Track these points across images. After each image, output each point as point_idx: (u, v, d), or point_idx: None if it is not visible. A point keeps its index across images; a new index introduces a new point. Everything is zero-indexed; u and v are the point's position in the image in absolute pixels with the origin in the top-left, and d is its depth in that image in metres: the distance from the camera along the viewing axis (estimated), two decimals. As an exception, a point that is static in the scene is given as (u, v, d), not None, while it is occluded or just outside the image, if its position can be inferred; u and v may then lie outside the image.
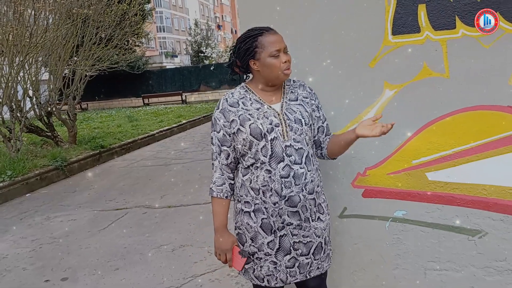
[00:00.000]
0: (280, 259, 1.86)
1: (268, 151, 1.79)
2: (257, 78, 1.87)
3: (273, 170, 1.79)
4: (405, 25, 2.04)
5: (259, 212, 1.84)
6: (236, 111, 1.83)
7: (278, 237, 1.85)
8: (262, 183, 1.81)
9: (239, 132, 1.81)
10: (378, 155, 2.16)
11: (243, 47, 1.83)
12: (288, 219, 1.83)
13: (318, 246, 1.89)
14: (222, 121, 1.85)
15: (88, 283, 3.44)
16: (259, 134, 1.78)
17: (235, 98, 1.87)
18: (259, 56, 1.80)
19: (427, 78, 2.05)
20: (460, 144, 2.05)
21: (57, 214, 5.39)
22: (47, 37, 7.99)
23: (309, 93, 1.94)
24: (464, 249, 2.11)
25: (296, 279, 1.89)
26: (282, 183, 1.79)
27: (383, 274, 2.23)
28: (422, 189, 2.12)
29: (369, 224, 2.21)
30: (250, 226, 1.86)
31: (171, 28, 53.88)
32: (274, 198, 1.81)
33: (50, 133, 9.17)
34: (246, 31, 1.86)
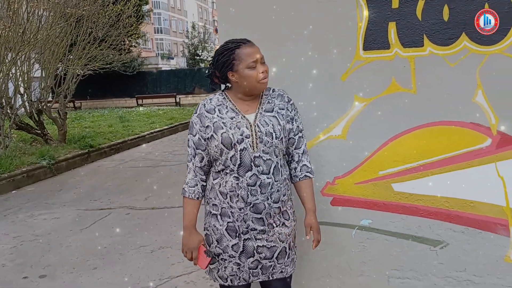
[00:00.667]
0: (243, 261, 1.94)
1: (237, 160, 1.86)
2: (236, 88, 1.93)
3: (240, 178, 1.86)
4: (375, 41, 2.12)
5: (225, 216, 1.92)
6: (211, 117, 1.90)
7: (242, 241, 1.92)
8: (230, 188, 1.88)
9: (212, 138, 1.88)
10: (347, 165, 2.23)
11: (221, 60, 1.89)
12: (252, 224, 1.90)
13: (282, 250, 1.95)
14: (198, 125, 1.92)
15: (66, 281, 3.49)
16: (229, 144, 1.85)
17: (213, 104, 1.94)
18: (236, 68, 1.86)
19: (395, 93, 2.13)
20: (424, 157, 2.13)
21: (41, 212, 5.42)
22: (40, 35, 8.03)
23: (286, 103, 1.98)
24: (426, 259, 2.18)
25: (259, 278, 1.98)
26: (248, 191, 1.86)
27: (349, 280, 2.30)
28: (387, 199, 2.20)
29: (336, 231, 2.28)
30: (217, 228, 1.94)
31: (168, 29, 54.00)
32: (240, 204, 1.88)
33: (40, 131, 9.20)
34: (224, 43, 1.92)
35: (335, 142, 2.22)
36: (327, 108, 2.21)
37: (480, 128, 2.03)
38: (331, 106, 2.21)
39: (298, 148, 2.00)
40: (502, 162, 2.04)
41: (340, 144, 2.22)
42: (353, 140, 2.20)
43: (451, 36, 2.02)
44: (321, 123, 2.23)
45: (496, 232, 2.07)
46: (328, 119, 2.22)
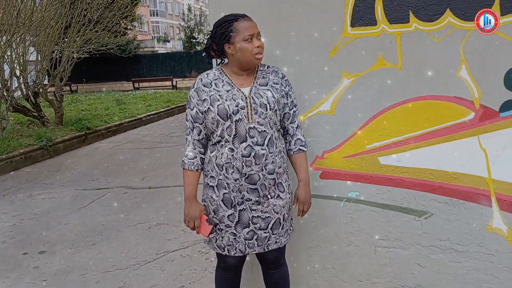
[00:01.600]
0: (239, 231, 2.02)
1: (232, 131, 1.93)
2: (231, 62, 2.00)
3: (235, 149, 1.93)
4: (363, 18, 2.17)
5: (221, 187, 2.00)
6: (208, 91, 1.97)
7: (237, 211, 2.00)
8: (225, 160, 1.96)
9: (208, 111, 1.95)
10: (335, 139, 2.30)
11: (219, 32, 1.96)
12: (247, 195, 1.98)
13: (276, 221, 2.04)
14: (196, 99, 1.99)
15: (65, 256, 3.58)
16: (225, 114, 1.92)
17: (209, 78, 2.01)
18: (233, 40, 1.92)
19: (382, 69, 2.18)
20: (410, 131, 2.19)
21: (39, 192, 5.50)
22: (35, 17, 8.00)
23: (280, 79, 2.06)
24: (411, 229, 2.27)
25: (254, 250, 2.06)
26: (243, 162, 1.93)
27: (337, 250, 2.39)
28: (374, 172, 2.28)
29: (325, 203, 2.36)
30: (213, 199, 2.02)
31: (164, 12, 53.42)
32: (235, 175, 1.96)
33: (37, 113, 9.22)
34: (223, 17, 1.99)
35: (324, 117, 2.29)
36: (316, 84, 2.27)
37: (464, 102, 2.10)
38: (320, 82, 2.27)
39: (293, 122, 2.09)
40: (485, 135, 2.11)
41: (328, 119, 2.28)
42: (341, 115, 2.26)
43: (436, 12, 2.07)
44: (310, 99, 2.29)
45: (478, 202, 2.15)
46: (317, 94, 2.28)
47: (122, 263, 3.38)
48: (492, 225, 2.16)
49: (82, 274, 3.24)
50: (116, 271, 3.24)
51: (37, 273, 3.32)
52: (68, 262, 3.47)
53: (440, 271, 2.26)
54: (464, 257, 2.22)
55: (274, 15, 2.26)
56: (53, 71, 9.59)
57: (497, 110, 2.06)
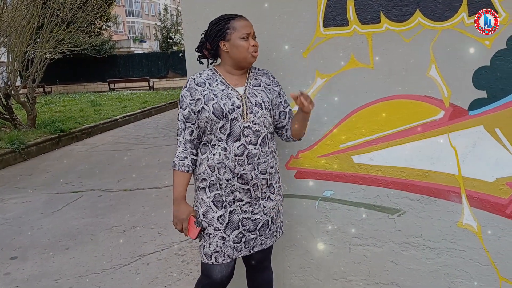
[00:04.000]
0: (228, 234, 1.97)
1: (227, 130, 1.91)
2: (225, 60, 1.99)
3: (228, 148, 1.92)
4: (335, 18, 2.19)
5: (213, 188, 1.97)
6: (202, 90, 1.95)
7: (228, 212, 1.97)
8: (217, 160, 1.93)
9: (202, 110, 1.92)
10: (309, 139, 2.31)
11: (215, 29, 1.96)
12: (239, 195, 1.96)
13: (264, 223, 2.02)
14: (188, 99, 1.96)
15: (37, 261, 3.50)
16: (221, 113, 1.90)
17: (203, 78, 1.99)
18: (229, 37, 1.93)
19: (354, 69, 2.21)
20: (382, 130, 2.22)
21: (11, 196, 5.37)
22: (5, 16, 7.80)
23: (271, 80, 2.09)
24: (385, 226, 2.30)
25: (241, 253, 2.02)
26: (235, 161, 1.91)
27: (312, 249, 2.41)
28: (348, 171, 2.30)
29: (300, 203, 2.37)
30: (204, 201, 1.98)
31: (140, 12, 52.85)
32: (227, 175, 1.93)
33: (9, 115, 9.01)
34: (220, 16, 2.00)
35: (298, 117, 2.29)
36: (290, 83, 2.27)
37: (434, 101, 2.14)
38: (294, 81, 2.27)
39: (292, 117, 2.10)
40: (454, 133, 2.15)
41: (302, 119, 2.29)
42: (315, 115, 2.27)
43: (406, 12, 2.11)
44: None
45: (449, 199, 2.20)
46: (291, 94, 2.28)
47: (97, 267, 3.32)
48: (463, 221, 2.20)
49: (55, 280, 3.17)
50: (90, 276, 3.19)
51: (8, 279, 3.23)
52: (40, 267, 3.39)
53: (413, 268, 2.30)
54: (436, 254, 2.26)
55: (248, 15, 2.25)
56: (25, 72, 9.37)
57: (466, 108, 2.10)
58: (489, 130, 2.09)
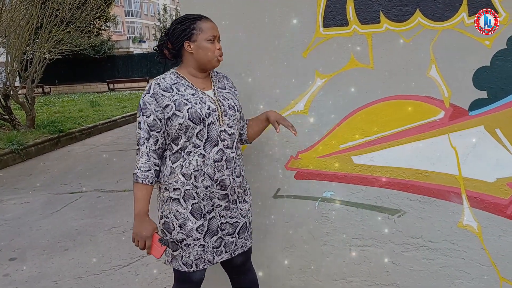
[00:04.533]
0: (208, 241, 1.91)
1: (204, 135, 1.83)
2: (189, 62, 1.91)
3: (207, 155, 1.84)
4: (334, 19, 2.18)
5: (189, 197, 1.86)
6: (170, 96, 1.83)
7: (207, 220, 1.90)
8: (194, 167, 1.84)
9: (174, 116, 1.81)
10: (309, 139, 2.30)
11: (179, 28, 1.87)
12: (217, 201, 1.91)
13: (243, 226, 2.01)
14: (154, 105, 1.82)
15: (36, 262, 3.49)
16: (198, 118, 1.81)
17: (168, 83, 1.87)
18: (195, 38, 1.85)
19: (354, 69, 2.20)
20: (382, 130, 2.21)
21: (10, 197, 5.35)
22: (4, 17, 7.79)
23: (232, 83, 2.07)
24: (385, 227, 2.29)
25: (222, 258, 1.97)
26: (215, 167, 1.85)
27: (312, 250, 2.40)
28: (348, 171, 2.29)
29: (300, 204, 2.36)
30: (180, 213, 1.86)
31: (139, 12, 52.83)
32: (206, 182, 1.85)
33: (8, 116, 8.99)
34: (184, 15, 1.93)
35: (298, 118, 2.29)
36: (289, 84, 2.27)
37: (434, 101, 2.13)
38: (293, 82, 2.27)
39: (244, 120, 2.11)
40: (455, 133, 2.14)
41: (302, 120, 2.29)
42: (315, 115, 2.27)
43: (406, 12, 2.10)
44: (283, 99, 2.29)
45: (449, 200, 2.19)
46: (291, 95, 2.28)
47: (96, 268, 3.31)
48: (463, 222, 2.20)
49: (54, 281, 3.16)
50: (89, 277, 3.18)
51: (7, 281, 3.22)
52: (40, 268, 3.38)
53: (413, 269, 2.29)
54: (436, 254, 2.25)
55: (247, 15, 2.25)
56: (24, 72, 9.36)
57: (467, 109, 2.09)
58: (490, 131, 2.08)
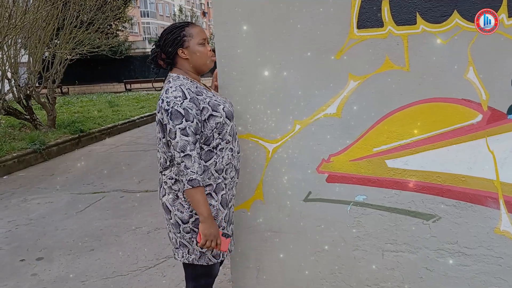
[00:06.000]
0: (228, 229, 2.07)
1: (233, 131, 2.02)
2: (185, 67, 1.99)
3: (234, 148, 2.04)
4: (369, 20, 2.15)
5: (219, 190, 1.98)
6: (203, 98, 1.92)
7: (229, 209, 2.07)
8: (226, 161, 2.00)
9: (211, 117, 1.90)
10: (341, 142, 2.27)
11: (170, 37, 1.96)
12: (234, 190, 2.13)
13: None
14: (194, 110, 1.86)
15: (63, 262, 3.52)
16: (231, 115, 2.00)
17: (194, 87, 1.94)
18: (188, 44, 1.95)
19: (389, 71, 2.16)
20: (417, 133, 2.17)
21: (34, 197, 5.42)
22: (27, 18, 7.90)
23: None
24: (419, 232, 2.25)
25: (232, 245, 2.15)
26: (237, 159, 2.08)
27: (344, 254, 2.36)
28: (381, 175, 2.25)
29: (331, 207, 2.33)
30: (212, 206, 1.95)
31: (155, 13, 53.21)
32: (232, 173, 2.05)
33: (29, 116, 9.11)
34: (170, 25, 2.04)
35: (330, 120, 2.26)
36: (322, 86, 2.24)
37: (471, 104, 2.08)
38: (326, 84, 2.24)
39: None
40: (493, 137, 2.09)
41: (335, 122, 2.26)
42: (347, 118, 2.23)
43: (443, 13, 2.06)
44: (315, 102, 2.26)
45: (486, 205, 2.14)
46: (323, 97, 2.25)
47: (123, 269, 3.33)
48: (500, 227, 2.14)
49: (82, 281, 3.18)
50: (116, 277, 3.19)
51: (35, 281, 3.25)
52: (67, 268, 3.41)
53: (448, 275, 2.24)
54: (472, 260, 2.20)
55: (278, 17, 2.23)
56: (45, 73, 9.48)
57: (505, 112, 2.04)
58: (530, 135, 2.03)
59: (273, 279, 2.45)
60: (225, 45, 2.28)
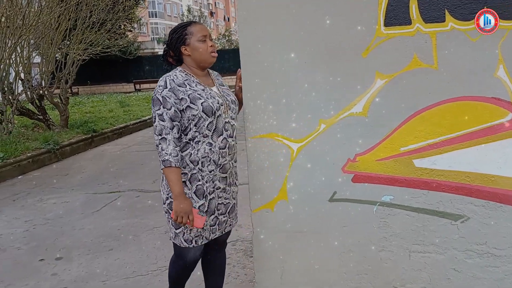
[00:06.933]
0: (207, 219, 2.20)
1: (213, 126, 2.13)
2: (189, 63, 2.21)
3: (213, 143, 2.15)
4: (397, 17, 2.11)
5: (194, 180, 2.15)
6: (184, 90, 2.12)
7: (208, 201, 2.19)
8: (202, 155, 2.14)
9: (188, 109, 2.09)
10: (368, 142, 2.24)
11: (175, 37, 2.18)
12: (218, 183, 2.21)
13: (232, 206, 2.34)
14: (173, 99, 2.09)
15: (83, 262, 3.52)
16: (211, 111, 2.11)
17: (180, 79, 2.15)
18: (189, 41, 2.15)
19: (417, 69, 2.13)
20: (446, 133, 2.14)
21: (49, 196, 5.44)
22: (40, 19, 7.94)
23: (222, 81, 2.39)
24: (447, 233, 2.21)
25: (216, 235, 2.29)
26: (219, 154, 2.17)
27: (370, 255, 2.33)
28: (409, 175, 2.22)
29: (357, 208, 2.30)
30: (185, 193, 2.13)
31: (163, 13, 53.37)
32: (211, 167, 2.16)
33: (42, 116, 9.17)
34: (177, 24, 2.24)
35: (356, 119, 2.23)
36: (348, 85, 2.21)
37: (501, 102, 2.05)
38: (352, 83, 2.21)
39: None
40: (523, 136, 2.05)
41: (361, 121, 2.23)
42: (374, 117, 2.20)
43: (472, 10, 2.02)
44: (341, 101, 2.23)
45: (516, 205, 2.10)
46: (349, 96, 2.22)
47: (142, 269, 3.32)
48: (531, 228, 2.11)
49: (102, 281, 3.18)
50: (137, 277, 3.19)
51: (55, 280, 3.26)
52: (86, 268, 3.41)
53: (476, 276, 2.21)
54: (501, 261, 2.16)
55: (303, 15, 2.20)
56: (58, 73, 9.53)
57: (537, 110, 2.01)
58: None
59: (298, 280, 2.42)
60: (249, 44, 2.26)
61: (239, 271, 3.15)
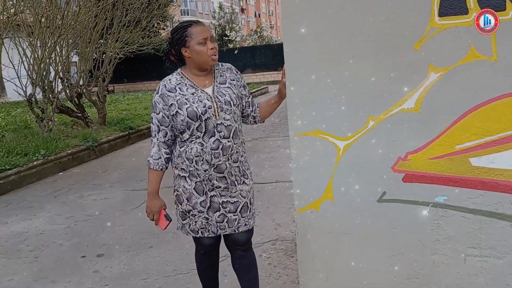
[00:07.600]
0: (211, 215, 2.27)
1: (202, 129, 2.16)
2: (189, 64, 2.21)
3: (205, 143, 2.17)
4: (452, 7, 1.99)
5: (193, 176, 2.23)
6: (174, 96, 2.16)
7: (209, 197, 2.24)
8: (195, 153, 2.18)
9: (177, 114, 2.14)
10: (420, 139, 2.13)
11: (175, 37, 2.17)
12: (216, 183, 2.23)
13: (244, 205, 2.31)
14: (161, 105, 2.17)
15: (123, 259, 3.54)
16: (195, 116, 2.13)
17: (173, 84, 2.19)
18: (189, 44, 2.14)
19: (474, 61, 2.00)
20: (505, 129, 2.00)
21: (89, 193, 5.53)
22: (79, 19, 8.09)
23: (235, 75, 2.31)
24: (506, 236, 2.08)
25: (226, 231, 2.31)
26: (212, 154, 2.18)
27: (421, 259, 2.22)
28: (464, 174, 2.09)
29: (408, 209, 2.19)
30: (186, 188, 2.26)
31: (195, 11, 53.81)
32: (204, 166, 2.19)
33: (80, 114, 9.36)
34: (178, 24, 2.22)
35: (408, 116, 2.12)
36: (399, 79, 2.10)
37: None
38: (403, 77, 2.10)
39: (254, 105, 2.41)
40: None
41: (413, 118, 2.11)
42: (427, 113, 2.08)
43: (537, -3, 1.87)
44: (392, 96, 2.12)
45: None
46: (400, 91, 2.11)
47: (183, 267, 3.31)
48: None
49: (143, 279, 3.18)
50: (177, 276, 3.17)
51: (97, 277, 3.29)
52: (127, 265, 3.43)
53: (539, 283, 2.06)
54: None
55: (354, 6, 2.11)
56: (95, 71, 9.71)
57: None
58: None
59: (344, 283, 2.34)
60: (294, 40, 2.18)
61: (280, 272, 3.08)
